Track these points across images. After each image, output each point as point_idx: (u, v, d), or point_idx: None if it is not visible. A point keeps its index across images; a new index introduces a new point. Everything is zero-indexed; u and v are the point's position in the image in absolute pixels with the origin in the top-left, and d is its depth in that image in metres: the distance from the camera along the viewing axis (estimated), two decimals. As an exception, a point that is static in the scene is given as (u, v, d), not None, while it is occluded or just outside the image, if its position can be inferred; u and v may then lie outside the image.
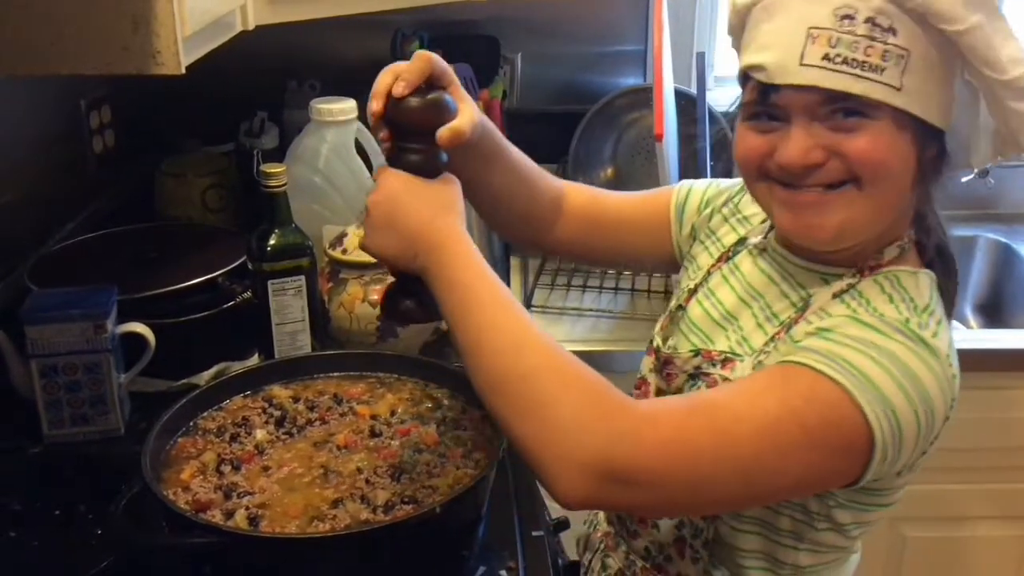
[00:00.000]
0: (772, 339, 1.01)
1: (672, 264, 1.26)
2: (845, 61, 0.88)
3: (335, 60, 2.12)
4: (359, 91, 1.96)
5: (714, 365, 1.05)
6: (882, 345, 0.88)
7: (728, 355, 1.05)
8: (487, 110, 1.98)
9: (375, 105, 0.97)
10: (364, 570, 0.99)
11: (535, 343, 0.87)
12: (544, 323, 1.71)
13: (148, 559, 0.99)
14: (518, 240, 1.37)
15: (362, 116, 1.74)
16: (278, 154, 1.88)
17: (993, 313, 2.13)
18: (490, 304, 0.89)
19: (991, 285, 2.15)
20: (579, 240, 1.25)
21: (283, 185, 1.39)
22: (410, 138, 0.98)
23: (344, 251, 1.49)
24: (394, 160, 0.99)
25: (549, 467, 0.83)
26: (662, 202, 1.24)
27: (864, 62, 0.87)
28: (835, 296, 0.97)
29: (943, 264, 1.01)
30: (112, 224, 1.73)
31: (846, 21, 0.88)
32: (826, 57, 0.88)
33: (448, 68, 1.00)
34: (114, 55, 1.09)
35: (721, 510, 1.02)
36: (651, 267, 1.31)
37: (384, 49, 2.05)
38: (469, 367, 0.90)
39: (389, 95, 0.96)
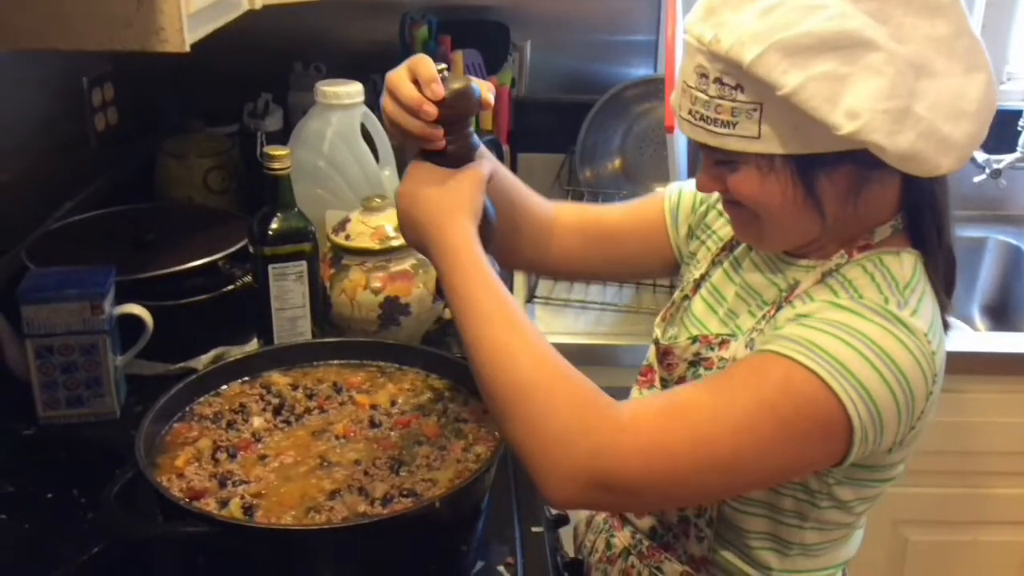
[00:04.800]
0: (762, 318, 1.03)
1: (673, 268, 1.26)
2: (703, 118, 0.93)
3: (342, 43, 2.10)
4: (366, 75, 1.95)
5: (712, 349, 1.07)
6: (858, 328, 0.90)
7: (724, 336, 1.07)
8: (495, 97, 1.95)
9: (430, 108, 0.97)
10: (360, 563, 0.97)
11: (527, 354, 0.91)
12: (548, 315, 1.69)
13: (140, 547, 0.97)
14: (515, 263, 1.38)
15: (368, 100, 1.72)
16: (282, 136, 1.86)
17: (1001, 315, 2.12)
18: (487, 313, 0.92)
19: (1000, 287, 2.13)
20: (577, 257, 1.26)
21: (286, 168, 1.37)
22: (449, 130, 1.00)
23: (347, 237, 1.47)
24: (431, 155, 1.01)
25: (539, 474, 0.89)
26: (655, 208, 1.25)
27: (716, 119, 0.92)
28: (823, 276, 0.99)
29: (943, 250, 1.00)
30: (112, 204, 1.70)
31: (702, 80, 0.92)
32: (690, 112, 0.95)
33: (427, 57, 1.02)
34: (117, 31, 1.07)
35: (706, 502, 1.05)
36: (651, 274, 1.32)
37: (392, 33, 2.03)
38: (471, 367, 0.95)
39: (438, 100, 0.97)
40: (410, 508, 0.97)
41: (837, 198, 0.95)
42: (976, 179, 2.05)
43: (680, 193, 1.24)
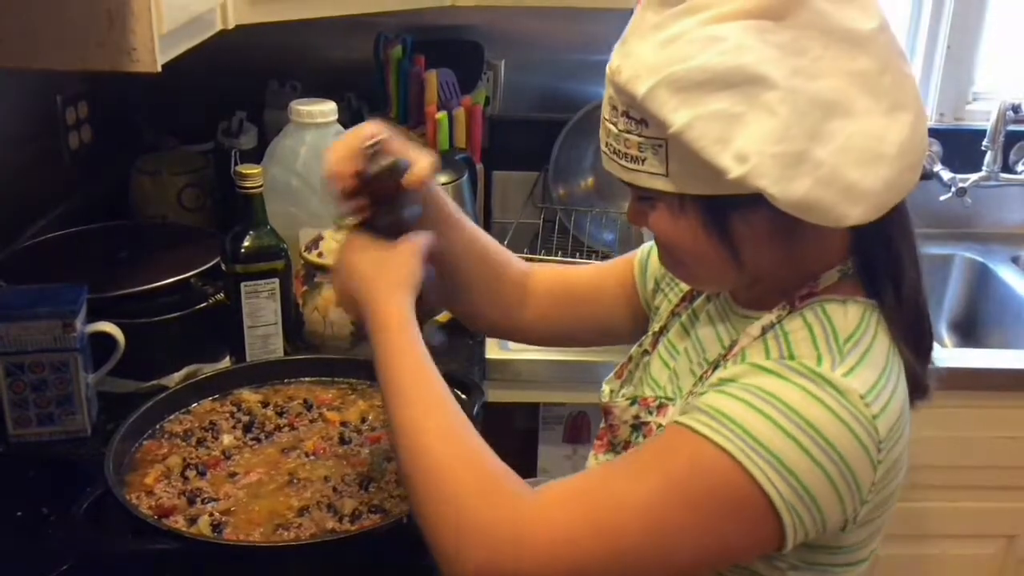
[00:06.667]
0: (700, 379, 0.96)
1: (645, 327, 1.20)
2: (615, 151, 0.88)
3: (317, 61, 2.11)
4: (341, 93, 1.96)
5: (651, 413, 1.01)
6: (776, 393, 0.82)
7: (662, 400, 1.01)
8: (469, 116, 1.97)
9: (341, 184, 0.97)
10: (329, 579, 0.98)
11: (440, 438, 0.86)
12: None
13: (109, 564, 0.98)
14: (486, 327, 1.30)
15: (342, 119, 1.73)
16: (257, 155, 1.86)
17: (968, 332, 2.14)
18: (411, 397, 0.89)
19: (966, 304, 2.16)
20: (549, 318, 1.21)
21: (259, 186, 1.38)
22: (377, 206, 0.99)
23: (320, 254, 1.48)
24: (366, 226, 1.00)
25: (446, 568, 0.84)
26: (626, 264, 1.21)
27: (626, 154, 0.87)
28: (762, 331, 0.91)
29: (904, 301, 0.91)
30: (86, 221, 1.70)
31: (614, 112, 0.87)
32: (606, 144, 0.90)
33: (377, 127, 1.01)
34: (88, 51, 1.08)
35: None
36: (624, 334, 1.24)
37: (367, 52, 2.04)
38: (393, 450, 0.93)
39: (352, 174, 0.97)
40: (378, 524, 0.98)
41: (756, 242, 0.87)
42: (942, 197, 2.08)
43: (650, 248, 1.19)
